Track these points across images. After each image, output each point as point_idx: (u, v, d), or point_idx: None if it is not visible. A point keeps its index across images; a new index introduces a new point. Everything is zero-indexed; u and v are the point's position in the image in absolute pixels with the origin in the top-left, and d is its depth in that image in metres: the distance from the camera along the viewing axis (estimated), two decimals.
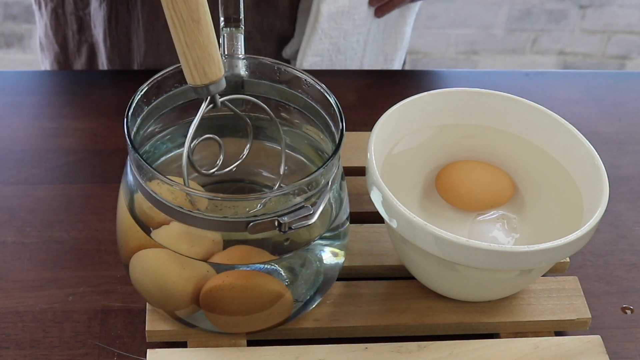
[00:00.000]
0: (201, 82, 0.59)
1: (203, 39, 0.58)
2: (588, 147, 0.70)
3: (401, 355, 0.66)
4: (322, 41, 0.92)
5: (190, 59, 0.58)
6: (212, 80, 0.59)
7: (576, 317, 0.70)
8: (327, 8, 0.89)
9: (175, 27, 0.58)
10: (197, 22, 0.57)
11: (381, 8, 0.93)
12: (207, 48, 0.58)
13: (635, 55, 2.29)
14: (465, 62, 2.24)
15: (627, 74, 1.27)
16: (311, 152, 0.69)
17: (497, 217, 0.72)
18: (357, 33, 0.93)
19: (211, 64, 0.59)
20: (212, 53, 0.59)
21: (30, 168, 0.80)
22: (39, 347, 0.67)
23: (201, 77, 0.59)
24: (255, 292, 0.63)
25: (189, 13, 0.57)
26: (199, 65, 0.59)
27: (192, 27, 0.57)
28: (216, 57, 0.59)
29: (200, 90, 0.60)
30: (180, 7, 0.57)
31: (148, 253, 0.63)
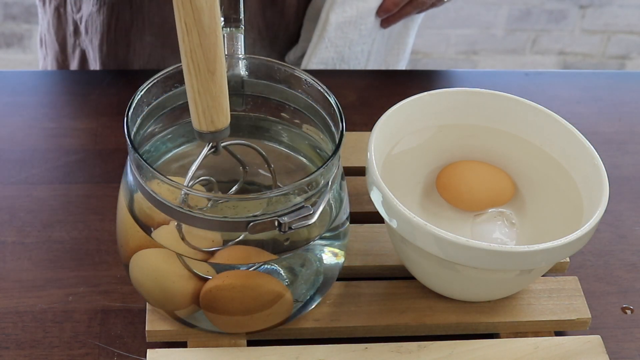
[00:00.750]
0: (207, 129, 0.59)
1: (216, 90, 0.58)
2: (588, 147, 0.70)
3: (401, 355, 0.66)
4: (328, 50, 0.92)
5: (200, 107, 0.59)
6: (218, 128, 0.60)
7: (576, 317, 0.70)
8: (335, 17, 0.90)
9: (191, 75, 0.58)
10: (212, 73, 0.58)
11: (388, 19, 0.93)
12: (219, 98, 0.59)
13: (635, 55, 2.29)
14: (465, 62, 2.24)
15: (627, 74, 1.27)
16: (311, 152, 0.69)
17: (495, 215, 0.72)
18: (362, 43, 0.94)
19: (220, 113, 0.59)
20: (222, 103, 0.59)
21: (30, 168, 0.80)
22: (39, 347, 0.67)
23: (208, 124, 0.59)
24: (255, 292, 0.63)
25: (206, 64, 0.57)
26: (208, 113, 0.59)
27: (207, 77, 0.58)
28: (225, 107, 0.60)
29: (204, 136, 0.60)
30: (199, 58, 0.57)
31: (148, 253, 0.63)
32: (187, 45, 0.57)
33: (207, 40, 0.57)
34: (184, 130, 0.67)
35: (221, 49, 0.58)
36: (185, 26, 0.56)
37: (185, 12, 0.56)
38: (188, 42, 0.57)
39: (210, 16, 0.56)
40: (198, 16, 0.56)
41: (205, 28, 0.56)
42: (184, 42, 0.57)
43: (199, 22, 0.56)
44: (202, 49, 0.57)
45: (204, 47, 0.57)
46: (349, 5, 0.90)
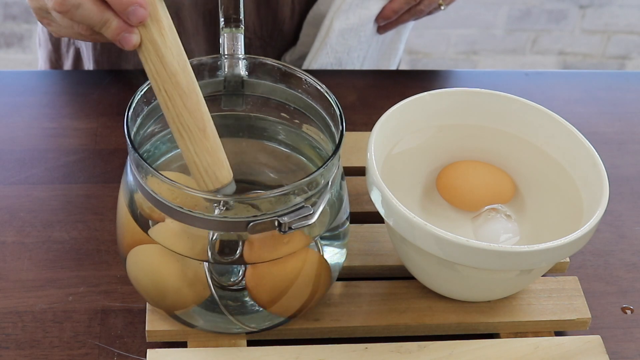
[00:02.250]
0: (214, 187, 0.60)
1: (211, 145, 0.59)
2: (588, 147, 0.70)
3: (401, 355, 0.66)
4: (328, 55, 0.93)
5: (201, 166, 0.59)
6: (224, 184, 0.60)
7: (576, 317, 0.70)
8: (339, 24, 0.91)
9: (183, 139, 0.59)
10: (203, 130, 0.59)
11: (385, 26, 0.94)
12: (216, 153, 0.60)
13: (635, 55, 2.29)
14: (465, 62, 2.24)
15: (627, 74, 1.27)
16: (311, 152, 0.69)
17: (491, 214, 0.71)
18: (359, 49, 0.94)
19: (221, 168, 0.60)
20: (220, 158, 0.60)
21: (30, 168, 0.80)
22: (39, 347, 0.67)
23: (214, 182, 0.60)
24: (298, 268, 0.63)
25: (195, 124, 0.58)
26: (210, 171, 0.60)
27: (199, 136, 0.59)
28: (225, 161, 0.60)
29: (214, 194, 0.60)
30: (187, 120, 0.58)
31: (144, 249, 0.63)
32: (172, 111, 0.58)
33: (190, 100, 0.58)
34: None
35: (204, 105, 0.59)
36: (165, 93, 0.58)
37: (162, 80, 0.57)
38: (172, 107, 0.58)
39: (186, 76, 0.58)
40: (175, 80, 0.57)
41: (184, 89, 0.58)
42: (168, 109, 0.58)
43: (177, 86, 0.58)
44: (187, 110, 0.58)
45: (189, 108, 0.58)
46: (352, 13, 0.91)
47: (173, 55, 0.58)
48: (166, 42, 0.58)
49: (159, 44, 0.57)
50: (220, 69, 0.66)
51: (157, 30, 0.58)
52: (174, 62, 0.58)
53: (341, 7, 0.90)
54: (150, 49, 0.58)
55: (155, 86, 0.58)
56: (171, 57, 0.58)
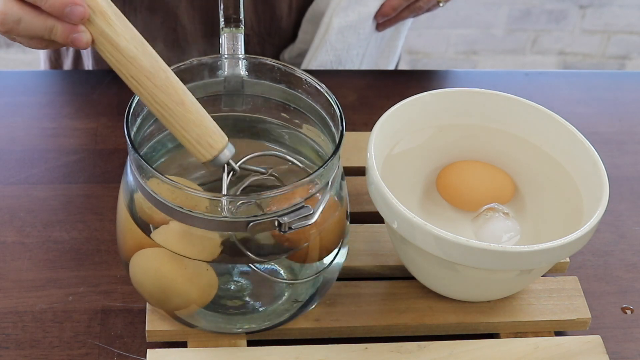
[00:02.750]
0: (211, 154, 0.60)
1: (195, 116, 0.59)
2: (588, 147, 0.70)
3: (401, 355, 0.66)
4: (328, 53, 0.93)
5: (192, 139, 0.59)
6: (220, 148, 0.60)
7: (576, 317, 0.70)
8: (338, 21, 0.91)
9: (166, 117, 0.59)
10: (182, 104, 0.59)
11: (384, 23, 0.94)
12: (203, 123, 0.60)
13: (635, 55, 2.29)
14: (465, 62, 2.24)
15: (627, 74, 1.27)
16: (311, 153, 0.69)
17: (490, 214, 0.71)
18: (358, 46, 0.94)
19: (213, 135, 0.60)
20: (208, 125, 0.60)
21: (30, 168, 0.80)
22: (39, 347, 0.67)
23: (209, 150, 0.60)
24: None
25: (171, 99, 0.58)
26: (203, 141, 0.60)
27: (180, 110, 0.59)
28: (214, 127, 0.60)
29: (214, 163, 0.60)
30: (162, 98, 0.58)
31: (148, 253, 0.63)
32: (145, 94, 0.58)
33: (158, 79, 0.58)
34: None
35: (176, 79, 0.59)
36: (133, 79, 0.58)
37: (125, 67, 0.58)
38: (144, 91, 0.58)
39: (147, 57, 0.58)
40: (137, 64, 0.57)
41: (150, 69, 0.58)
42: (142, 94, 0.59)
43: (141, 69, 0.58)
44: (158, 89, 0.58)
45: (160, 87, 0.58)
46: (351, 10, 0.91)
47: (128, 41, 0.58)
48: (117, 31, 0.57)
49: (110, 34, 0.57)
50: (220, 69, 0.66)
51: (103, 21, 0.57)
52: (131, 47, 0.57)
53: (340, 4, 0.90)
54: (103, 41, 0.58)
55: (122, 75, 0.58)
56: (126, 43, 0.57)
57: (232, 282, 0.65)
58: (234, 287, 0.65)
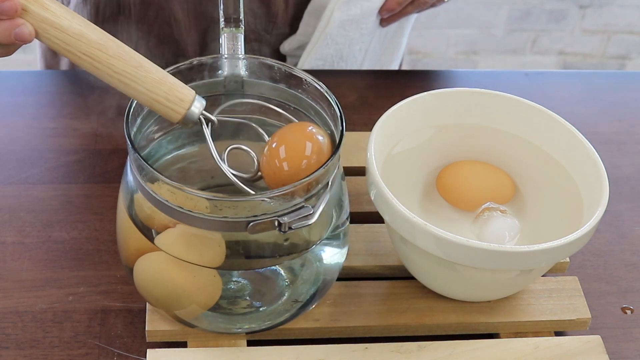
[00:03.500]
0: (184, 108, 0.60)
1: (156, 75, 0.59)
2: (588, 147, 0.70)
3: (401, 355, 0.66)
4: (328, 47, 0.92)
5: (161, 98, 0.60)
6: (190, 100, 0.60)
7: (576, 317, 0.70)
8: (339, 15, 0.90)
9: (129, 85, 0.59)
10: (140, 66, 0.59)
11: (388, 18, 0.94)
12: (165, 80, 0.60)
13: (635, 55, 2.29)
14: (465, 62, 2.24)
15: (627, 74, 1.27)
16: None
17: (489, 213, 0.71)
18: (361, 42, 0.94)
19: (180, 89, 0.60)
20: (172, 81, 0.60)
21: (30, 168, 0.80)
22: (39, 347, 0.67)
23: (180, 104, 0.60)
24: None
25: (128, 64, 0.59)
26: (171, 97, 0.60)
27: (140, 73, 0.59)
28: (179, 83, 0.60)
29: (189, 118, 0.61)
30: (119, 66, 0.59)
31: (153, 257, 0.63)
32: (102, 68, 0.58)
33: (109, 48, 0.58)
34: (185, 131, 0.67)
35: (126, 46, 0.59)
36: (85, 56, 0.58)
37: (74, 47, 0.57)
38: (100, 64, 0.58)
39: (93, 31, 0.58)
40: (85, 39, 0.57)
41: (99, 41, 0.58)
42: (98, 69, 0.58)
43: (91, 42, 0.58)
44: (113, 57, 0.58)
45: (114, 55, 0.58)
46: (354, 4, 0.90)
47: (70, 20, 0.58)
48: (56, 13, 0.57)
49: (50, 17, 0.57)
50: (220, 69, 0.66)
51: (40, 7, 0.57)
52: (74, 25, 0.58)
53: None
54: (45, 27, 0.58)
55: (74, 57, 0.58)
56: (69, 22, 0.57)
57: (233, 282, 0.65)
58: (234, 287, 0.65)
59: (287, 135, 0.64)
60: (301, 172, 0.61)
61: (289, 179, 0.61)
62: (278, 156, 0.63)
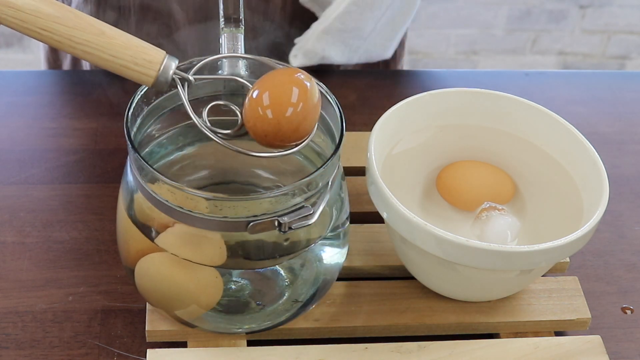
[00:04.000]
0: (154, 70, 0.59)
1: (121, 40, 0.58)
2: (588, 147, 0.70)
3: (401, 355, 0.66)
4: None
5: (130, 62, 0.58)
6: (160, 61, 0.59)
7: (576, 317, 0.70)
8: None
9: (94, 54, 0.58)
10: (102, 33, 0.58)
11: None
12: (131, 43, 0.58)
13: (635, 55, 2.29)
14: (465, 62, 2.24)
15: (627, 74, 1.27)
16: (311, 153, 0.69)
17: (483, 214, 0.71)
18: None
19: (147, 51, 0.59)
20: (139, 44, 0.59)
21: (30, 168, 0.80)
22: (39, 347, 0.67)
23: (150, 66, 0.59)
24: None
25: (90, 33, 0.57)
26: (139, 60, 0.58)
27: (104, 40, 0.58)
28: (144, 44, 0.59)
29: (162, 80, 0.59)
30: (81, 36, 0.57)
31: (155, 258, 0.63)
32: (63, 41, 0.57)
33: (69, 20, 0.57)
34: (185, 131, 0.67)
35: (86, 15, 0.58)
36: (44, 31, 0.57)
37: (32, 23, 0.56)
38: (60, 37, 0.57)
39: (49, 5, 0.57)
40: (42, 13, 0.56)
41: (56, 14, 0.57)
42: (60, 42, 0.57)
43: (48, 16, 0.56)
44: (74, 28, 0.57)
45: (74, 26, 0.57)
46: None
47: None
48: None
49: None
50: (220, 69, 0.66)
51: None
52: (28, 1, 0.57)
53: None
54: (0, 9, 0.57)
55: (33, 33, 0.57)
56: (22, 1, 0.57)
57: (232, 282, 0.65)
58: (234, 287, 0.65)
59: (270, 80, 0.60)
60: (284, 121, 0.58)
61: (273, 129, 0.57)
62: (261, 103, 0.58)
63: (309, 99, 0.59)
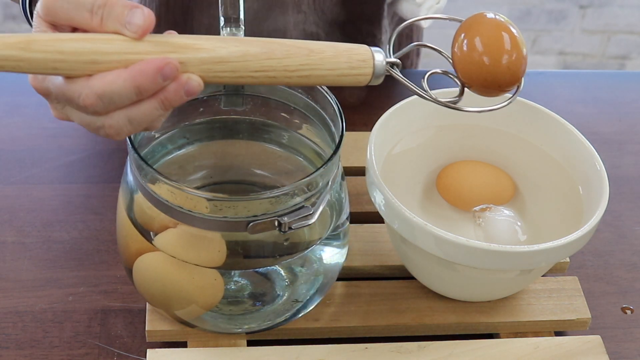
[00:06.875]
0: (371, 67, 0.55)
1: (330, 52, 0.54)
2: (588, 147, 0.70)
3: (401, 355, 0.66)
4: None
5: (346, 69, 0.55)
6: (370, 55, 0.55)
7: (576, 317, 0.70)
8: None
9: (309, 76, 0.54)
10: (311, 52, 0.54)
11: None
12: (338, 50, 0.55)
13: (635, 55, 2.29)
14: None
15: (627, 74, 1.27)
16: (311, 153, 0.69)
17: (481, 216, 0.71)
18: None
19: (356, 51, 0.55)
20: (344, 48, 0.55)
21: (30, 168, 0.80)
22: (39, 347, 0.67)
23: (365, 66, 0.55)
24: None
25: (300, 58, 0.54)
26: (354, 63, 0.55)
27: (315, 57, 0.54)
28: (349, 45, 0.55)
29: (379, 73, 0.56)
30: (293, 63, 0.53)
31: (152, 257, 0.63)
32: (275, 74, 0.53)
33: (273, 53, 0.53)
34: (185, 132, 0.67)
35: (274, 40, 0.54)
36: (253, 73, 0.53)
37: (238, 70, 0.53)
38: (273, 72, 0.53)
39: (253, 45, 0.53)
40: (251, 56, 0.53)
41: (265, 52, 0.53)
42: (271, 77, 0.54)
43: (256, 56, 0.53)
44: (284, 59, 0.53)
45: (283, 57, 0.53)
46: None
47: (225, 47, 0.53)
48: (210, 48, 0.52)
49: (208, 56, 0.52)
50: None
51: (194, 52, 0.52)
52: (232, 48, 0.52)
53: None
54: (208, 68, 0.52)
55: (245, 80, 0.53)
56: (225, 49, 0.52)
57: (232, 282, 0.65)
58: (234, 287, 0.65)
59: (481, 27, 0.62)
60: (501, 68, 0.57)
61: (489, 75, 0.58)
62: (474, 48, 0.60)
63: (521, 44, 0.61)
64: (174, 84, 0.52)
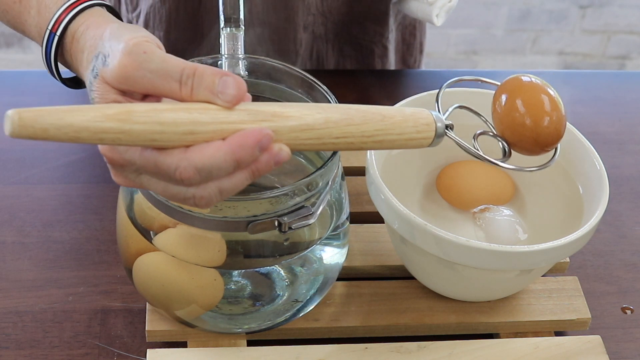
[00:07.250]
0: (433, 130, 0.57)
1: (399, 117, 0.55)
2: (588, 147, 0.70)
3: (401, 355, 0.66)
4: None
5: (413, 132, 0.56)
6: (432, 119, 0.57)
7: (576, 317, 0.70)
8: None
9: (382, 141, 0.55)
10: (383, 117, 0.55)
11: None
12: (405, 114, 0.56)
13: (635, 55, 2.29)
14: (465, 62, 2.24)
15: (627, 74, 1.27)
16: (311, 153, 0.69)
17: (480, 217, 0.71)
18: None
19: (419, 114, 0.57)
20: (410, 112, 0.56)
21: (30, 168, 0.81)
22: (39, 347, 0.67)
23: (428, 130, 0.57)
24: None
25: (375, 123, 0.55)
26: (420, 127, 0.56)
27: (388, 122, 0.55)
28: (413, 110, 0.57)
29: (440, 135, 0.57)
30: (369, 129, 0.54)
31: (152, 257, 0.63)
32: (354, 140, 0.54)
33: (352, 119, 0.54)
34: None
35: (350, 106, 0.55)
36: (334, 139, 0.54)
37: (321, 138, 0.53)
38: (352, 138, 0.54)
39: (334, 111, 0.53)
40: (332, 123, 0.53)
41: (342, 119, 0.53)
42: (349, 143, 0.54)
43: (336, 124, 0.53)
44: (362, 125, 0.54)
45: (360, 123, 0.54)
46: None
47: (310, 113, 0.53)
48: (297, 116, 0.52)
49: (296, 124, 0.52)
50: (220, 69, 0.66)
51: (284, 120, 0.52)
52: (316, 116, 0.53)
53: None
54: (296, 136, 0.52)
55: (328, 146, 0.54)
56: (311, 116, 0.53)
57: (232, 282, 0.65)
58: (234, 287, 0.65)
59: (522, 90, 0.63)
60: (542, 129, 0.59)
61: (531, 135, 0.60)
62: (517, 110, 0.61)
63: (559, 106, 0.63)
64: (266, 154, 0.51)
